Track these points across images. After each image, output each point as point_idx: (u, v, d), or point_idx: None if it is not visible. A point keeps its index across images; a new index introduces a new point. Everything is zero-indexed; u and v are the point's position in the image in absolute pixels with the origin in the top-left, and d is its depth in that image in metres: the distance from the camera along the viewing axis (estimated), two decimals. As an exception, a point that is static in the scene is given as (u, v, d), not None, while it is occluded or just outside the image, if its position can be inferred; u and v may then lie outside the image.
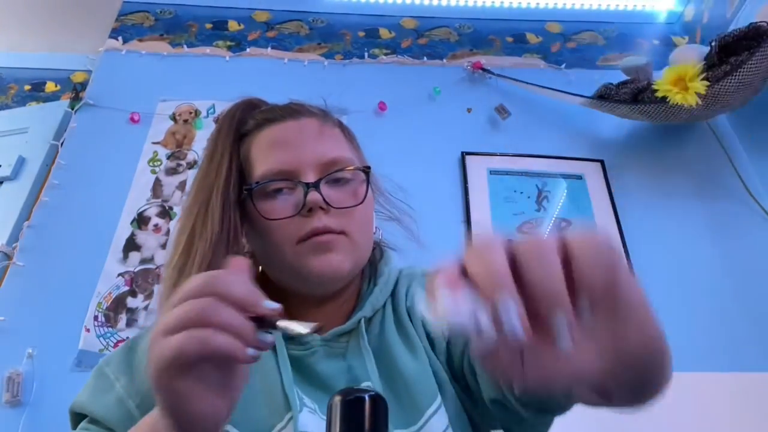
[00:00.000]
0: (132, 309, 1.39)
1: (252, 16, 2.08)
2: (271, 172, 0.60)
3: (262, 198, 0.60)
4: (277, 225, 0.59)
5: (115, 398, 0.57)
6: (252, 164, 0.62)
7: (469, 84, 1.89)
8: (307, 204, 0.58)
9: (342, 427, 0.36)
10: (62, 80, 2.03)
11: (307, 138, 0.62)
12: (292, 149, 0.61)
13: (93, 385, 0.59)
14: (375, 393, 0.38)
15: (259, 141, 0.63)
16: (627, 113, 1.61)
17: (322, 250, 0.58)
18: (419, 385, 0.58)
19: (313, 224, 0.58)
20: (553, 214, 1.61)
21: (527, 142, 1.74)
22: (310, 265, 0.58)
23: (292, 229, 0.58)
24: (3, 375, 1.26)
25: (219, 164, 0.61)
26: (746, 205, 1.64)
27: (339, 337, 0.62)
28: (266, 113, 0.66)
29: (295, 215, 0.58)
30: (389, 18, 2.10)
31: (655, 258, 1.54)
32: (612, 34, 2.11)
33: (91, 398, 0.58)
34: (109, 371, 0.59)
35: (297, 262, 0.59)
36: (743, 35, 1.44)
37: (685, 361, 1.38)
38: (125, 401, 0.56)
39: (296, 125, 0.63)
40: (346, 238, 0.59)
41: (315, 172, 0.60)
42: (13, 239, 1.49)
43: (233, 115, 0.67)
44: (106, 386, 0.58)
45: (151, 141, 1.70)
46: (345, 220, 0.60)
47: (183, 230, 0.60)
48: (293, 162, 0.60)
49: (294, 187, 0.59)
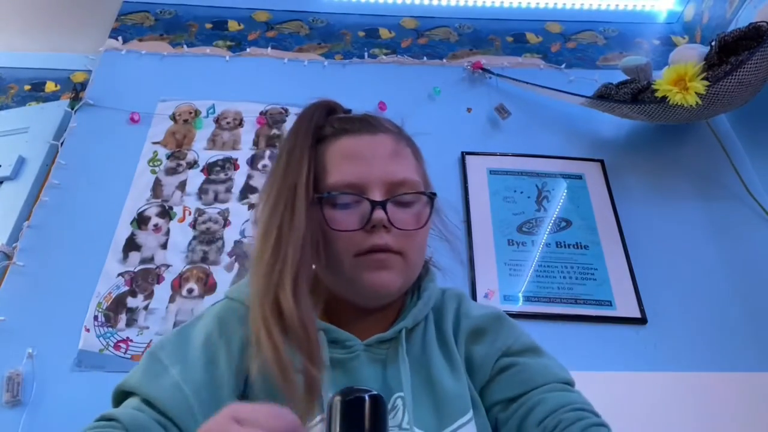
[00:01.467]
0: (132, 309, 1.39)
1: (252, 16, 2.08)
2: (341, 183, 0.62)
3: (330, 206, 0.62)
4: (339, 235, 0.61)
5: (171, 383, 0.58)
6: (324, 170, 0.64)
7: (469, 84, 1.89)
8: (372, 221, 0.61)
9: (342, 427, 0.36)
10: (62, 80, 2.04)
11: (379, 155, 0.64)
12: (365, 164, 0.63)
13: (146, 368, 0.60)
14: (375, 393, 0.38)
15: (334, 149, 0.66)
16: (627, 113, 1.62)
17: (378, 267, 0.61)
18: (453, 397, 0.61)
19: (374, 241, 0.61)
20: (553, 214, 1.61)
21: (527, 142, 1.74)
22: (365, 279, 0.61)
23: (353, 241, 0.61)
24: (3, 375, 1.26)
25: (299, 164, 0.63)
26: (746, 205, 1.64)
27: (380, 344, 0.65)
28: (344, 123, 0.68)
29: (359, 229, 0.61)
30: (389, 18, 2.10)
31: (655, 258, 1.54)
32: (612, 34, 2.11)
33: (145, 380, 0.58)
34: (163, 356, 0.60)
35: (353, 274, 0.62)
36: (743, 35, 1.44)
37: (685, 361, 1.38)
38: (182, 387, 0.57)
39: (371, 140, 0.66)
40: (402, 259, 0.63)
41: (383, 189, 0.62)
42: (13, 239, 1.49)
43: (310, 118, 0.68)
44: (159, 370, 0.59)
45: (151, 141, 1.70)
46: (404, 241, 0.63)
47: (269, 226, 0.60)
48: (364, 177, 0.62)
49: (360, 201, 0.62)
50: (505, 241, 1.55)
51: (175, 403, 0.56)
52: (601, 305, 1.45)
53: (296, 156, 0.64)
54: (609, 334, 1.41)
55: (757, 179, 1.68)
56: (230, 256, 1.49)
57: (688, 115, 1.51)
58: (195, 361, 0.60)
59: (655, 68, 1.69)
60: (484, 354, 0.66)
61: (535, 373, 0.64)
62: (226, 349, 0.62)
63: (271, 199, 0.62)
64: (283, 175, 0.63)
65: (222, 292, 1.42)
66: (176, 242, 1.51)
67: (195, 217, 1.55)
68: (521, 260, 1.52)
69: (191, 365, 0.60)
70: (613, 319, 1.43)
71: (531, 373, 0.64)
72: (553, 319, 1.42)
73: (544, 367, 0.64)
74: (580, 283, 1.49)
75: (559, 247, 1.55)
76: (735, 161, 1.69)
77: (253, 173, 1.65)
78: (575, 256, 1.53)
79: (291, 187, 0.61)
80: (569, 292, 1.47)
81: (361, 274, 0.61)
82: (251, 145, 1.71)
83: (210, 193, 1.60)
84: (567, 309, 1.44)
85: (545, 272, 1.50)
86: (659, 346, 1.39)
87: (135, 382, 0.59)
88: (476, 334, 0.68)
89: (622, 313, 1.44)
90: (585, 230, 1.58)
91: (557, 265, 1.51)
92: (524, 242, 1.55)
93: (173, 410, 0.56)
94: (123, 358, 1.32)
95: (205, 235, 1.53)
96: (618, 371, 1.33)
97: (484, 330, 0.68)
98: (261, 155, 1.69)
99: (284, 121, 1.75)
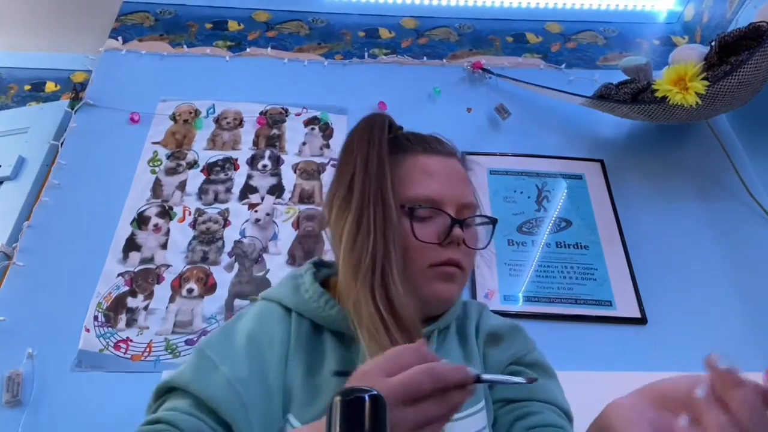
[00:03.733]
0: (132, 309, 1.39)
1: (252, 16, 2.08)
2: (422, 197, 0.67)
3: (407, 217, 0.67)
4: (417, 245, 0.65)
5: (222, 381, 0.59)
6: (402, 182, 0.68)
7: (469, 84, 1.90)
8: (452, 237, 0.66)
9: (342, 427, 0.37)
10: (62, 80, 2.04)
11: (455, 178, 0.71)
12: (443, 183, 0.69)
13: (196, 365, 0.61)
14: (375, 393, 0.38)
15: (412, 164, 0.70)
16: (627, 113, 1.62)
17: (447, 279, 0.66)
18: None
19: (450, 255, 0.66)
20: (553, 214, 1.61)
21: (527, 142, 1.74)
22: (434, 289, 0.66)
23: (428, 253, 0.66)
24: (3, 375, 1.26)
25: (381, 170, 0.67)
26: (746, 205, 1.64)
27: None
28: (422, 141, 0.73)
29: (437, 243, 0.66)
30: (389, 18, 2.10)
31: (655, 258, 1.54)
32: (612, 34, 2.11)
33: (197, 377, 0.59)
34: (211, 354, 0.62)
35: (422, 283, 0.66)
36: (743, 35, 1.45)
37: (685, 361, 1.38)
38: (233, 384, 0.58)
39: (447, 162, 0.72)
40: (463, 274, 0.68)
41: (455, 208, 0.68)
42: (13, 239, 1.49)
43: (381, 128, 0.71)
44: (209, 367, 0.60)
45: (151, 141, 1.70)
46: (467, 258, 0.68)
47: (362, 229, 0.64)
48: (442, 194, 0.68)
49: (438, 216, 0.67)
50: (505, 241, 1.55)
51: (227, 401, 0.57)
52: (601, 305, 1.45)
53: (374, 161, 0.67)
54: (609, 334, 1.41)
55: (757, 179, 1.68)
56: (230, 256, 1.49)
57: (688, 115, 1.51)
58: (241, 359, 0.61)
59: (655, 68, 1.69)
60: (497, 358, 0.71)
61: (540, 388, 0.68)
62: (269, 347, 0.64)
63: (355, 204, 0.66)
64: (363, 181, 0.67)
65: (222, 292, 1.43)
66: (176, 242, 1.51)
67: (195, 217, 1.55)
68: (521, 260, 1.52)
69: (239, 363, 0.61)
70: (613, 319, 1.43)
71: (536, 387, 0.67)
72: (553, 319, 1.42)
73: (550, 389, 0.68)
74: (580, 283, 1.49)
75: (559, 247, 1.55)
76: (735, 161, 1.69)
77: (253, 173, 1.65)
78: (575, 256, 1.53)
79: (377, 193, 0.66)
80: (569, 292, 1.47)
81: (430, 284, 0.66)
82: (251, 145, 1.71)
83: (210, 193, 1.60)
84: (567, 309, 1.44)
85: (545, 272, 1.50)
86: (659, 346, 1.39)
87: (186, 379, 0.59)
88: (493, 339, 0.73)
89: (622, 313, 1.44)
90: (585, 230, 1.58)
91: (557, 265, 1.51)
92: (524, 242, 1.55)
93: (226, 409, 0.57)
94: (123, 358, 1.32)
95: (205, 235, 1.53)
96: (618, 371, 1.33)
97: (501, 336, 0.73)
98: (261, 155, 1.69)
99: (284, 121, 1.75)
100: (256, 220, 1.56)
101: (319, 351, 0.66)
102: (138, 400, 0.90)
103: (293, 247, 1.52)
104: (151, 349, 1.34)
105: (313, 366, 0.64)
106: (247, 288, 1.44)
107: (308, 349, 0.66)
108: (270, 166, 1.67)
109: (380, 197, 0.65)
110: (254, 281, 1.45)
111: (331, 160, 1.67)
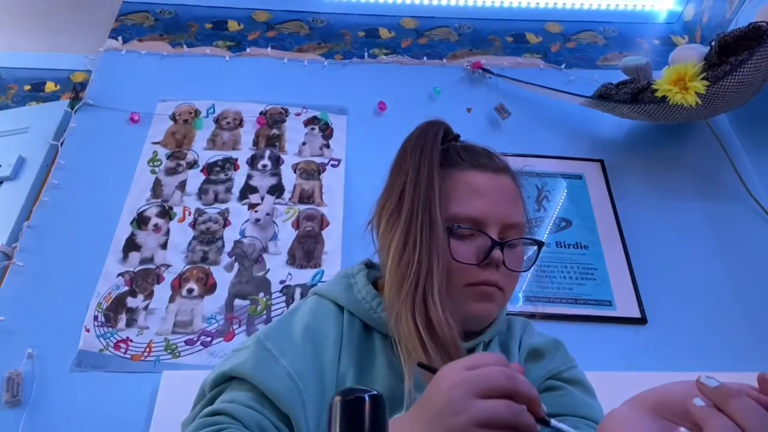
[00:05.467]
0: (132, 309, 1.39)
1: (252, 16, 2.08)
2: (464, 216, 0.67)
3: (450, 234, 0.66)
4: (456, 264, 0.65)
5: (283, 374, 0.60)
6: (447, 197, 0.68)
7: (469, 84, 1.90)
8: (490, 259, 0.65)
9: (342, 427, 0.37)
10: (62, 80, 2.03)
11: (502, 197, 0.69)
12: (488, 202, 0.67)
13: (257, 357, 0.62)
14: (375, 393, 0.38)
15: (460, 180, 0.69)
16: (627, 113, 1.62)
17: (484, 299, 0.66)
18: None
19: (487, 276, 0.65)
20: (553, 214, 1.61)
21: (527, 142, 1.74)
22: (471, 308, 0.66)
23: (467, 273, 0.65)
24: (3, 375, 1.26)
25: (430, 184, 0.67)
26: (746, 205, 1.64)
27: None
28: (471, 154, 0.73)
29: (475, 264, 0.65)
30: (389, 18, 2.10)
31: (655, 258, 1.54)
32: (612, 34, 2.11)
33: (258, 369, 0.60)
34: (270, 346, 0.62)
35: (460, 301, 0.66)
36: (743, 35, 1.44)
37: (685, 361, 1.38)
38: (293, 377, 0.59)
39: (495, 179, 0.70)
40: (502, 294, 0.68)
41: (498, 228, 0.67)
42: (13, 239, 1.49)
43: (434, 138, 0.71)
44: (269, 360, 0.61)
45: (151, 141, 1.70)
46: (508, 280, 0.68)
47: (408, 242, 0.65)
48: (486, 214, 0.67)
49: (479, 236, 0.66)
50: (505, 241, 1.55)
51: (288, 394, 0.58)
52: (601, 305, 1.45)
53: (424, 173, 0.67)
54: (609, 334, 1.41)
55: (757, 179, 1.68)
56: (230, 256, 1.49)
57: (688, 115, 1.51)
58: (299, 353, 0.63)
59: (655, 68, 1.69)
60: (537, 373, 0.71)
61: (581, 403, 0.67)
62: (323, 343, 0.65)
63: (404, 218, 0.66)
64: (413, 194, 0.67)
65: (222, 292, 1.43)
66: (176, 242, 1.51)
67: (195, 217, 1.55)
68: (521, 260, 1.52)
69: (297, 357, 0.62)
70: (613, 319, 1.43)
71: (576, 402, 0.67)
72: (553, 319, 1.42)
73: (591, 406, 0.68)
74: (580, 283, 1.49)
75: (559, 247, 1.55)
76: (735, 161, 1.69)
77: (253, 173, 1.65)
78: (575, 256, 1.53)
79: (426, 208, 0.65)
80: (569, 292, 1.47)
81: (467, 302, 0.66)
82: (251, 145, 1.71)
83: (210, 193, 1.60)
84: (567, 309, 1.44)
85: (545, 272, 1.50)
86: (659, 346, 1.39)
87: (248, 370, 0.60)
88: (534, 355, 0.74)
89: (622, 313, 1.44)
90: (585, 230, 1.58)
91: (557, 265, 1.51)
92: (524, 242, 1.55)
93: (287, 402, 0.58)
94: (123, 358, 1.32)
95: (205, 235, 1.53)
96: (618, 371, 1.33)
97: (542, 353, 0.74)
98: (261, 155, 1.69)
99: (284, 121, 1.75)
100: (256, 220, 1.56)
101: (370, 351, 0.67)
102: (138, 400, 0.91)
103: (293, 247, 1.52)
104: (151, 349, 1.34)
105: (364, 365, 0.65)
106: (247, 288, 1.44)
107: (359, 348, 0.67)
108: (270, 166, 1.67)
109: (428, 213, 0.65)
110: (254, 281, 1.45)
111: (331, 160, 1.67)
